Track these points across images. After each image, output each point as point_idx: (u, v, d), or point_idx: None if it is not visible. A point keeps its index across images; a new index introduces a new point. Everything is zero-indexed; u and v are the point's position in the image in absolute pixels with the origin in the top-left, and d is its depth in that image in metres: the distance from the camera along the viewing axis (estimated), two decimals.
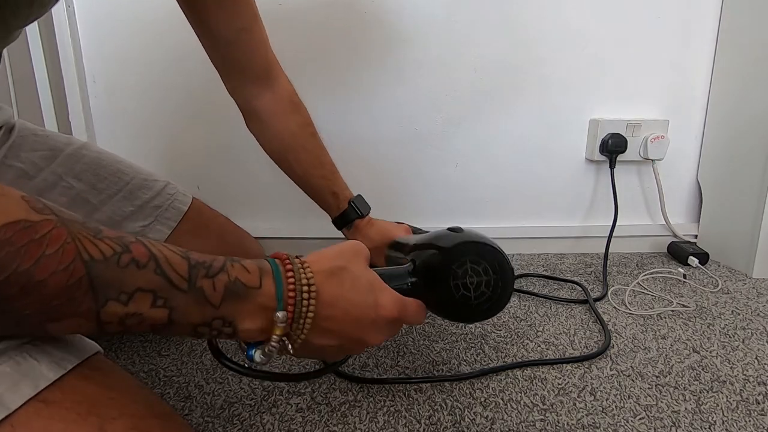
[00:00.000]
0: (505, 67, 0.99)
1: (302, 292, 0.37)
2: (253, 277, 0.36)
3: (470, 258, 0.46)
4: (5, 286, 0.26)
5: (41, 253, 0.27)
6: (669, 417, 0.53)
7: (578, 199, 1.07)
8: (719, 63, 0.99)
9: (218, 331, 0.35)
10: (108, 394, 0.33)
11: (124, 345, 0.68)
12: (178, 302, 0.32)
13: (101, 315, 0.29)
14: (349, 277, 0.40)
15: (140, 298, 0.30)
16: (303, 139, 0.73)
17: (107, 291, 0.29)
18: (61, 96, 0.94)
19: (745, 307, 0.79)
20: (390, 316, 0.42)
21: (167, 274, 0.31)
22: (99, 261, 0.29)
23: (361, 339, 0.41)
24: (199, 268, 0.33)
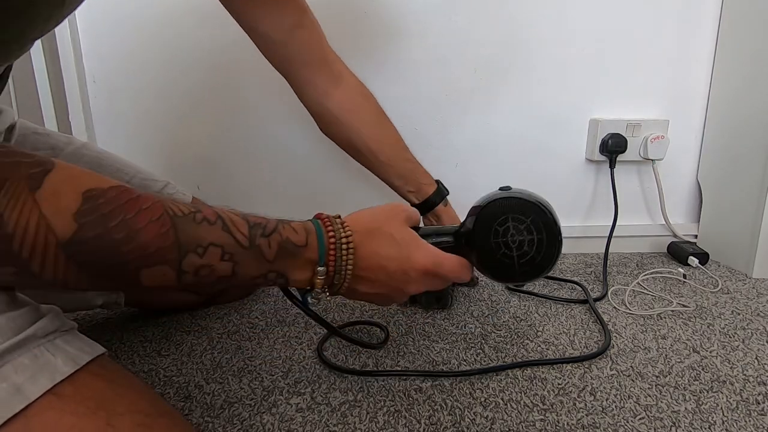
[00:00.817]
0: (505, 66, 0.99)
1: (341, 250, 0.43)
2: (300, 237, 0.42)
3: (512, 215, 0.45)
4: (115, 230, 0.31)
5: (139, 207, 0.33)
6: (669, 417, 0.53)
7: (578, 199, 1.07)
8: (719, 63, 0.99)
9: (273, 281, 0.41)
10: (115, 391, 0.35)
11: (124, 345, 0.68)
12: (240, 258, 0.37)
13: (182, 264, 0.35)
14: (384, 235, 0.46)
15: (212, 252, 0.36)
16: (382, 128, 0.74)
17: (188, 244, 0.34)
18: (61, 96, 0.94)
19: (745, 307, 0.79)
20: (422, 269, 0.46)
21: (232, 232, 0.37)
22: (180, 216, 0.35)
23: (399, 288, 0.47)
24: (256, 228, 0.39)
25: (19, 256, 0.29)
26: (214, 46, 0.94)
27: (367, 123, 0.73)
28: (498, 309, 0.79)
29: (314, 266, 0.42)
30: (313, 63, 0.68)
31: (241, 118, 1.00)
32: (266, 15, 0.63)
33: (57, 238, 0.30)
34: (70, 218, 0.30)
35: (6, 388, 0.30)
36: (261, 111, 0.98)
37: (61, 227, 0.30)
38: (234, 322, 0.74)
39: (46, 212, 0.29)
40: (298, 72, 0.68)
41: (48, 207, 0.30)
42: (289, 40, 0.65)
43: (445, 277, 0.48)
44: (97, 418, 0.32)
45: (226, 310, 0.79)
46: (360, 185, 0.99)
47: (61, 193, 0.30)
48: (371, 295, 0.47)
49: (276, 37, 0.64)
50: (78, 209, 0.30)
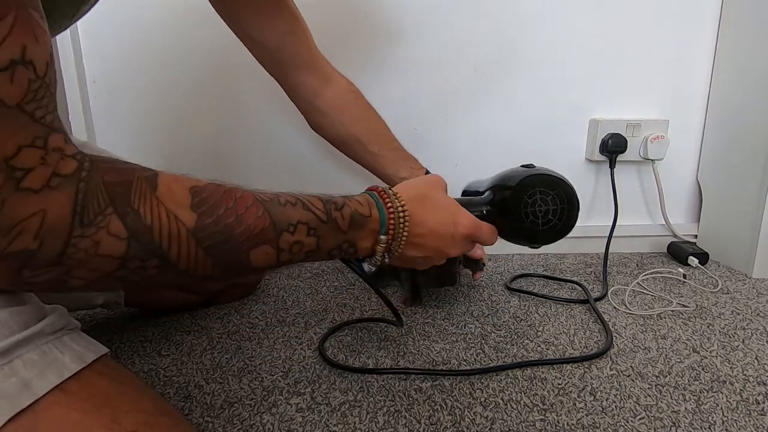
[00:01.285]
0: (504, 66, 0.99)
1: (399, 218, 0.47)
2: (365, 208, 0.46)
3: (540, 189, 0.53)
4: (226, 216, 0.35)
5: (235, 197, 0.37)
6: (669, 417, 0.53)
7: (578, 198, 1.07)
8: (719, 63, 0.99)
9: (345, 252, 0.46)
10: (120, 389, 0.36)
11: (124, 345, 0.68)
12: (322, 231, 0.42)
13: (280, 242, 0.39)
14: (432, 202, 0.50)
15: (300, 229, 0.40)
16: (371, 121, 0.79)
17: (281, 223, 0.39)
18: (61, 96, 0.94)
19: (745, 307, 0.79)
20: (466, 232, 0.52)
21: (312, 210, 0.42)
22: (268, 201, 0.39)
23: (442, 250, 0.51)
24: (329, 204, 0.43)
25: (160, 247, 0.33)
26: (214, 46, 0.94)
27: (357, 117, 0.77)
28: (498, 309, 0.79)
29: (377, 235, 0.47)
30: (304, 66, 0.72)
31: (241, 118, 1.00)
32: (261, 23, 0.66)
33: (186, 227, 0.34)
34: (188, 210, 0.34)
35: (15, 383, 0.30)
36: (261, 111, 0.98)
37: (185, 217, 0.34)
38: (234, 322, 0.74)
39: (170, 207, 0.33)
40: (290, 75, 0.72)
41: (169, 202, 0.33)
42: (281, 46, 0.68)
43: (481, 240, 0.55)
44: (102, 416, 0.33)
45: (226, 310, 0.79)
46: (360, 181, 0.99)
47: (173, 191, 0.34)
48: (418, 258, 0.51)
49: (269, 44, 0.68)
50: (191, 203, 0.34)
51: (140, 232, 0.32)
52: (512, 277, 0.92)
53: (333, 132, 0.77)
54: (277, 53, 0.69)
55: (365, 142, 0.76)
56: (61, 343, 0.35)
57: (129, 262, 0.32)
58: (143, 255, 0.32)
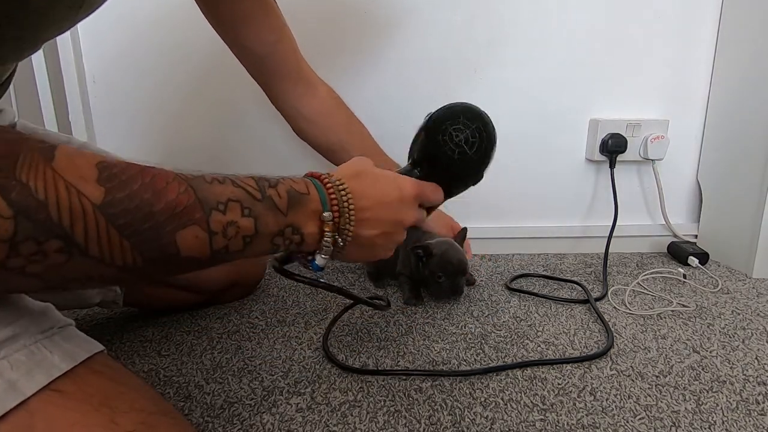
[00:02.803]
0: (504, 66, 0.99)
1: (339, 191, 0.44)
2: (301, 185, 0.42)
3: (448, 122, 0.52)
4: (142, 190, 0.31)
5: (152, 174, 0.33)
6: (669, 417, 0.53)
7: (578, 199, 1.07)
8: (719, 63, 0.99)
9: (290, 240, 0.41)
10: (118, 389, 0.35)
11: (124, 345, 0.68)
12: (259, 210, 0.38)
13: (210, 223, 0.34)
14: (370, 174, 0.48)
15: (233, 207, 0.36)
16: (354, 127, 0.80)
17: (209, 201, 0.35)
18: (61, 96, 0.94)
19: (745, 307, 0.79)
20: (413, 192, 0.50)
21: (243, 186, 0.37)
22: (191, 179, 0.35)
23: (398, 220, 0.49)
24: (262, 181, 0.40)
25: (60, 225, 0.28)
26: (213, 46, 0.94)
27: (340, 124, 0.78)
28: (498, 309, 0.79)
29: (320, 214, 0.43)
30: (290, 74, 0.73)
31: (240, 119, 1.00)
32: (251, 32, 0.67)
33: (91, 202, 0.29)
34: (94, 183, 0.29)
35: (1, 384, 0.30)
36: (261, 110, 0.98)
37: (91, 191, 0.29)
38: (234, 322, 0.74)
39: (70, 179, 0.29)
40: (276, 82, 0.73)
41: (70, 175, 0.29)
42: (269, 54, 0.70)
43: (428, 198, 0.52)
44: (100, 415, 0.32)
45: (226, 310, 0.79)
46: None
47: (76, 164, 0.30)
48: (376, 238, 0.47)
49: (258, 52, 0.69)
50: (98, 177, 0.30)
51: (31, 209, 0.27)
52: (512, 277, 0.92)
53: (317, 139, 0.79)
54: (265, 61, 0.70)
55: (348, 149, 0.78)
56: (51, 342, 0.34)
57: (21, 246, 0.27)
58: (39, 236, 0.27)
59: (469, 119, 0.52)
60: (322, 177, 0.45)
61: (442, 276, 0.77)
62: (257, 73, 0.73)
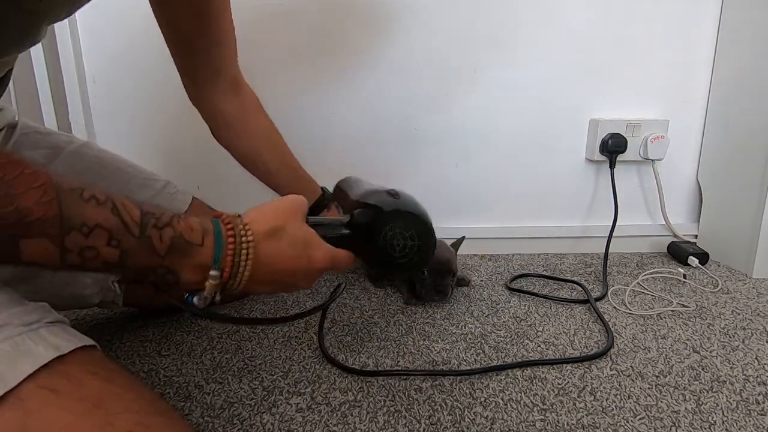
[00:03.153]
0: (504, 66, 0.99)
1: (240, 254, 0.41)
2: (196, 235, 0.39)
3: (401, 224, 0.53)
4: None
5: (20, 171, 0.31)
6: (669, 417, 0.53)
7: (578, 199, 1.07)
8: (719, 63, 0.99)
9: (162, 277, 0.39)
10: (114, 390, 0.35)
11: (124, 345, 0.68)
12: (129, 245, 0.35)
13: (65, 241, 0.32)
14: (286, 236, 0.45)
15: (98, 234, 0.34)
16: (274, 137, 0.76)
17: (72, 220, 0.32)
18: (61, 96, 0.94)
19: (745, 307, 0.79)
20: (321, 267, 0.48)
21: (123, 216, 0.35)
22: (66, 190, 0.33)
23: (293, 284, 0.48)
24: (149, 217, 0.37)
25: None
26: None
27: (260, 133, 0.74)
28: (498, 309, 0.79)
29: (207, 269, 0.40)
30: (226, 71, 0.69)
31: None
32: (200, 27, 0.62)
33: None
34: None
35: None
36: None
37: None
38: None
39: None
40: (208, 77, 0.68)
41: None
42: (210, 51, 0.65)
43: (336, 269, 0.51)
44: (95, 417, 0.32)
45: (226, 310, 0.79)
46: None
47: None
48: (264, 291, 0.48)
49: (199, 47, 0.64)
50: None
51: None
52: (512, 277, 0.92)
53: (235, 144, 0.74)
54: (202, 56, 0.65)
55: (265, 160, 0.75)
56: (37, 335, 0.34)
57: None
58: None
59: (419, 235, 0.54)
60: (228, 229, 0.41)
61: (426, 273, 0.77)
62: (188, 68, 0.67)
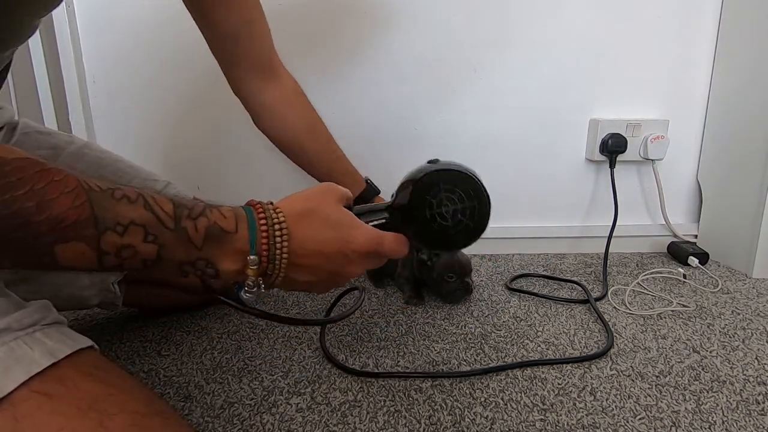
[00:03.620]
0: (504, 66, 0.99)
1: (275, 236, 0.40)
2: (229, 222, 0.39)
3: (444, 186, 0.46)
4: (25, 198, 0.30)
5: (51, 178, 0.31)
6: (669, 417, 0.53)
7: (578, 199, 1.07)
8: (719, 63, 0.99)
9: (202, 271, 0.38)
10: (108, 391, 0.34)
11: (124, 345, 0.68)
12: (165, 239, 0.35)
13: (101, 243, 0.33)
14: (319, 217, 0.43)
15: (133, 231, 0.34)
16: (313, 125, 0.76)
17: (106, 220, 0.32)
18: (61, 96, 0.94)
19: (745, 307, 0.79)
20: (362, 249, 0.44)
21: (155, 211, 0.35)
22: (97, 191, 0.33)
23: (339, 272, 0.45)
24: (182, 209, 0.37)
25: None
26: None
27: (300, 121, 0.74)
28: (498, 309, 0.79)
29: (245, 255, 0.39)
30: (259, 58, 0.69)
31: (240, 118, 0.99)
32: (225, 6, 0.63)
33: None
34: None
35: None
36: None
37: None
38: (234, 322, 0.74)
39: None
40: (242, 66, 0.69)
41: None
42: (238, 34, 0.65)
43: (386, 254, 0.46)
44: (88, 419, 0.32)
45: (226, 310, 0.79)
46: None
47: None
48: (311, 283, 0.44)
49: (226, 29, 0.64)
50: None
51: None
52: (512, 277, 0.92)
53: (274, 132, 0.74)
54: (235, 40, 0.65)
55: (305, 149, 0.74)
56: (33, 339, 0.33)
57: None
58: None
59: (467, 194, 0.46)
60: (259, 213, 0.41)
61: (453, 276, 0.78)
62: (224, 55, 0.68)
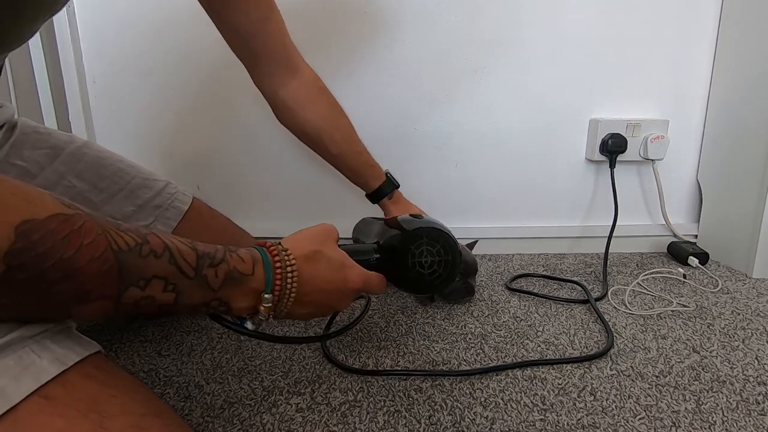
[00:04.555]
0: (504, 67, 0.99)
1: (287, 277, 0.44)
2: (247, 266, 0.42)
3: (426, 241, 0.55)
4: (52, 270, 0.29)
5: (80, 243, 0.30)
6: (669, 417, 0.53)
7: (578, 199, 1.07)
8: (719, 63, 0.99)
9: (214, 309, 0.41)
10: (108, 392, 0.34)
11: (124, 345, 0.68)
12: (184, 287, 0.37)
13: (122, 298, 0.33)
14: (323, 259, 0.49)
15: (155, 284, 0.34)
16: (335, 120, 0.77)
17: (131, 279, 0.33)
18: (61, 96, 0.94)
19: (745, 307, 0.79)
20: (356, 288, 0.52)
21: (179, 263, 0.36)
22: (125, 251, 0.32)
23: (332, 305, 0.51)
24: (205, 258, 0.38)
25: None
26: (214, 46, 0.94)
27: (320, 115, 0.76)
28: (498, 309, 0.79)
29: (259, 294, 0.43)
30: (276, 55, 0.70)
31: (241, 118, 1.00)
32: (238, 9, 0.64)
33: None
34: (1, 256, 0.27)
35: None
36: (260, 111, 0.98)
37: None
38: None
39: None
40: (260, 62, 0.71)
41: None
42: (255, 32, 0.67)
43: (370, 291, 0.54)
44: (88, 421, 0.31)
45: None
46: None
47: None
48: (306, 314, 0.50)
49: (245, 28, 0.66)
50: (9, 249, 0.27)
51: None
52: (512, 277, 0.92)
53: (298, 127, 0.76)
54: (251, 40, 0.67)
55: (327, 143, 0.77)
56: (41, 346, 0.33)
57: None
58: None
59: (445, 250, 0.56)
60: (275, 256, 0.45)
61: (459, 277, 0.78)
62: (243, 53, 0.70)
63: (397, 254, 0.55)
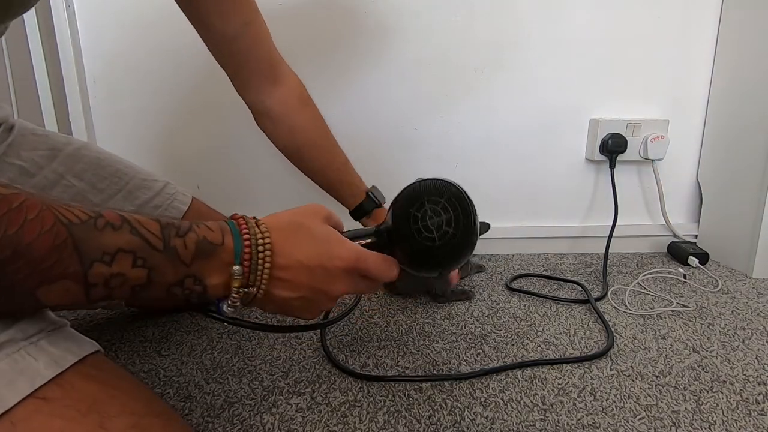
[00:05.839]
0: (505, 66, 0.99)
1: (257, 245, 0.39)
2: (216, 234, 0.38)
3: (428, 198, 0.44)
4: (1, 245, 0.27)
5: (24, 219, 0.29)
6: (669, 417, 0.53)
7: (578, 199, 1.07)
8: (719, 63, 0.99)
9: (189, 289, 0.37)
10: (108, 393, 0.34)
11: (124, 345, 0.68)
12: (155, 261, 0.34)
13: (88, 277, 0.31)
14: (304, 231, 0.42)
15: (122, 258, 0.32)
16: (315, 134, 0.74)
17: (91, 253, 0.31)
18: (61, 96, 0.94)
19: (745, 307, 0.79)
20: (345, 265, 0.43)
21: (143, 234, 0.34)
22: (77, 224, 0.31)
23: (322, 290, 0.42)
24: (170, 228, 0.36)
25: None
26: None
27: (302, 130, 0.72)
28: (498, 309, 0.79)
29: (230, 267, 0.38)
30: (259, 63, 0.67)
31: (240, 118, 0.99)
32: (223, 9, 0.62)
33: None
34: None
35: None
36: None
37: None
38: None
39: None
40: (243, 70, 0.67)
41: None
42: (236, 38, 0.64)
43: (371, 274, 0.45)
44: (88, 422, 0.31)
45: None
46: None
47: None
48: (293, 300, 0.42)
49: (228, 32, 0.63)
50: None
51: None
52: (512, 277, 0.92)
53: (278, 139, 0.73)
54: (234, 43, 0.64)
55: (307, 158, 0.73)
56: (37, 349, 0.32)
57: None
58: None
59: (451, 204, 0.44)
60: (241, 225, 0.40)
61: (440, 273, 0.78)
62: (224, 60, 0.67)
63: (398, 225, 0.45)
